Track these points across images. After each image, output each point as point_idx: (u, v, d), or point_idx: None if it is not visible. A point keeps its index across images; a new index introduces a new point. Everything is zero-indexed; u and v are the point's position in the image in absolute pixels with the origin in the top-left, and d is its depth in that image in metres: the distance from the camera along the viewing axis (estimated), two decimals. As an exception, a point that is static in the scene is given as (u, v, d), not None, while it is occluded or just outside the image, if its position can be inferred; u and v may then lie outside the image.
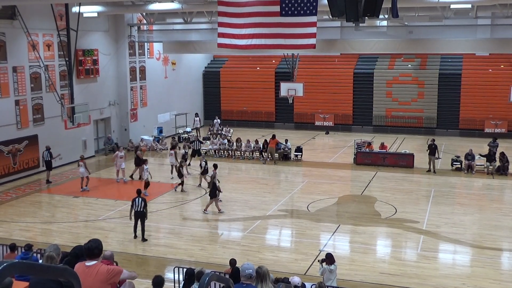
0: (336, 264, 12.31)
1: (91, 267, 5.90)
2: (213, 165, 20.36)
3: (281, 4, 13.60)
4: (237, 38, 14.73)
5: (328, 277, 11.96)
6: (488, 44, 27.87)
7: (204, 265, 13.39)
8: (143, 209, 16.61)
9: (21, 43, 24.36)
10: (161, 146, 31.37)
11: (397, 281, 13.76)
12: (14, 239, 15.63)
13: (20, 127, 24.55)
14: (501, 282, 13.83)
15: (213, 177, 19.33)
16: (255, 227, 18.11)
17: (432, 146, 25.24)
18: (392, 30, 28.11)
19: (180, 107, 36.45)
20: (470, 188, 23.43)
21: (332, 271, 12.10)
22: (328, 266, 12.13)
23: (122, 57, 31.30)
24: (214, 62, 41.82)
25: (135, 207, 16.61)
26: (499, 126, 34.14)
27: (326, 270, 12.12)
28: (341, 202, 21.06)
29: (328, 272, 12.08)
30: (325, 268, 12.16)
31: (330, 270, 12.08)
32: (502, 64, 35.06)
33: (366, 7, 10.09)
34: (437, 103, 35.63)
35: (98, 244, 6.06)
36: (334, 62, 38.33)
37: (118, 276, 6.05)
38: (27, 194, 22.30)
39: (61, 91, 26.48)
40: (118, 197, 21.64)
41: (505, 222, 18.45)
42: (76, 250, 8.37)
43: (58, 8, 25.57)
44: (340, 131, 36.86)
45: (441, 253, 15.90)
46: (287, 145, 28.56)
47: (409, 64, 36.75)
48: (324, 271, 12.17)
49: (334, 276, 12.19)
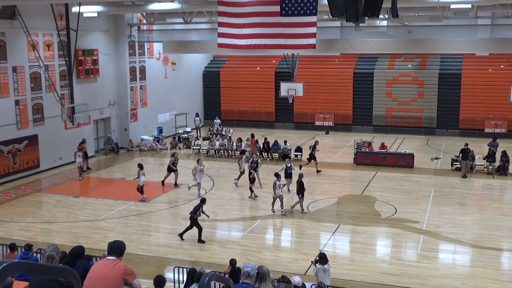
0: (329, 264, 12.29)
1: (111, 260, 6.33)
2: (299, 166, 20.77)
3: (281, 4, 13.60)
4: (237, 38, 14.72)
5: (322, 277, 11.92)
6: (488, 44, 27.89)
7: (204, 265, 13.39)
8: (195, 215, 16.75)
9: (21, 43, 24.36)
10: (161, 146, 31.37)
11: (397, 281, 13.76)
12: (14, 239, 15.64)
13: (20, 127, 24.55)
14: (501, 282, 13.83)
15: (301, 176, 19.64)
16: (255, 227, 18.12)
17: (466, 151, 24.65)
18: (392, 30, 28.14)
19: (180, 107, 36.45)
20: (470, 188, 23.41)
21: (325, 271, 12.08)
22: (321, 266, 12.11)
23: (122, 57, 31.30)
24: (214, 62, 41.82)
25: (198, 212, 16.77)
26: (499, 126, 34.14)
27: (320, 270, 12.11)
28: (341, 202, 21.06)
29: (322, 272, 12.06)
30: (319, 268, 12.15)
31: (323, 270, 12.07)
32: (502, 64, 35.06)
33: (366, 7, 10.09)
34: (437, 103, 35.63)
35: (121, 244, 6.51)
36: (334, 62, 38.33)
37: (132, 277, 6.33)
38: (27, 194, 22.30)
39: (61, 91, 26.47)
40: (118, 197, 21.61)
41: (505, 222, 18.45)
42: (76, 250, 8.40)
43: (58, 8, 25.57)
44: (340, 131, 36.85)
45: (441, 253, 15.90)
46: (287, 146, 28.58)
47: (409, 64, 36.74)
48: (318, 271, 12.15)
49: (328, 276, 12.17)
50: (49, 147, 25.96)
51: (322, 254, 12.42)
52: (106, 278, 6.17)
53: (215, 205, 20.62)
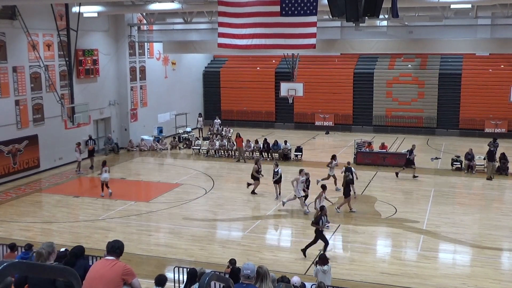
0: (329, 265, 12.26)
1: (110, 260, 6.37)
2: (347, 164, 20.68)
3: (281, 4, 13.60)
4: (237, 38, 14.72)
5: (322, 278, 11.89)
6: (488, 44, 27.88)
7: (204, 265, 13.38)
8: None
9: (21, 43, 24.36)
10: (161, 146, 31.37)
11: (397, 281, 13.76)
12: (14, 239, 15.64)
13: (20, 127, 24.56)
14: (501, 281, 13.84)
15: (347, 176, 19.67)
16: (255, 227, 18.12)
17: (493, 153, 24.43)
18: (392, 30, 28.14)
19: (180, 107, 36.45)
20: (470, 188, 23.42)
21: (325, 272, 12.05)
22: (321, 267, 12.09)
23: (122, 57, 31.29)
24: (214, 62, 41.82)
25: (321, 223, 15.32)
26: (499, 126, 34.13)
27: (319, 271, 12.09)
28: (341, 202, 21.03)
29: (321, 273, 12.04)
30: (318, 269, 12.12)
31: (323, 271, 12.04)
32: (502, 64, 35.05)
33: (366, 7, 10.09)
34: (437, 103, 35.63)
35: (120, 244, 6.58)
36: (334, 62, 38.33)
37: (132, 276, 6.35)
38: (27, 194, 22.31)
39: (61, 91, 26.48)
40: (118, 197, 21.61)
41: (505, 222, 18.46)
42: (76, 250, 8.40)
43: (58, 8, 25.58)
44: (340, 131, 36.85)
45: (441, 253, 15.91)
46: (287, 146, 28.58)
47: (409, 64, 36.74)
48: (318, 272, 12.13)
49: (329, 277, 12.15)
50: (49, 147, 25.96)
51: (323, 255, 12.40)
52: (106, 278, 6.19)
53: (215, 205, 20.63)
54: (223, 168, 27.10)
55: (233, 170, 26.90)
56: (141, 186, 24.45)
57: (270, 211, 19.71)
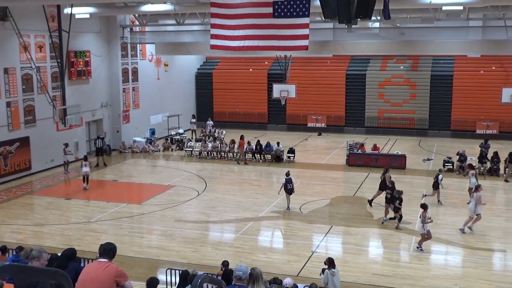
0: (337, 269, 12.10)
1: (102, 262, 6.39)
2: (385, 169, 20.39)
3: (274, 6, 13.61)
4: (229, 40, 14.69)
5: (331, 282, 11.73)
6: (479, 45, 28.06)
7: (197, 267, 13.36)
8: None
9: (13, 44, 24.23)
10: (153, 148, 31.28)
11: (389, 282, 13.78)
12: (5, 242, 15.48)
13: (12, 129, 24.41)
14: (493, 282, 13.90)
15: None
16: (248, 228, 18.09)
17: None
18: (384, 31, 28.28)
19: (173, 108, 36.38)
20: (462, 189, 23.47)
21: (334, 274, 11.88)
22: (330, 271, 11.87)
23: (114, 58, 31.20)
24: (207, 64, 41.79)
25: None
26: (491, 127, 34.30)
27: (328, 274, 11.90)
28: (333, 203, 21.08)
29: (330, 276, 11.85)
30: (327, 273, 11.91)
31: (332, 273, 11.87)
32: (494, 66, 35.23)
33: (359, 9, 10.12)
34: (429, 104, 35.76)
35: (113, 247, 6.60)
36: (327, 63, 38.40)
37: (124, 279, 6.36)
38: (19, 196, 22.17)
39: (53, 93, 26.36)
40: (110, 199, 21.54)
41: (496, 223, 18.55)
42: (67, 252, 8.37)
43: (50, 9, 25.47)
44: (333, 132, 36.90)
45: (433, 254, 15.94)
46: (279, 147, 28.59)
47: (401, 65, 36.86)
48: (327, 275, 11.90)
49: (337, 279, 11.99)
50: (41, 149, 25.82)
51: (331, 259, 12.10)
52: (98, 280, 6.19)
53: (208, 207, 20.60)
54: (216, 170, 27.06)
55: (226, 172, 26.87)
56: (133, 188, 24.38)
57: (262, 212, 19.70)
